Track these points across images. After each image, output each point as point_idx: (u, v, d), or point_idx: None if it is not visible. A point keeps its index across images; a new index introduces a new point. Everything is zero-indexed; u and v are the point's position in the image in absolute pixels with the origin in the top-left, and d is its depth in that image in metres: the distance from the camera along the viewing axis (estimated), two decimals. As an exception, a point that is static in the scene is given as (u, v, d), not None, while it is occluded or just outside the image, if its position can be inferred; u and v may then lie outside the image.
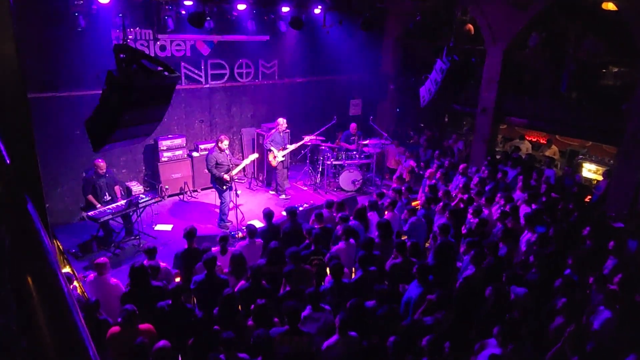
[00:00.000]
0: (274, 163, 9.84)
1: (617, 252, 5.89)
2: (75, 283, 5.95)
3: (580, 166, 11.52)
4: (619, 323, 4.59)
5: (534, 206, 7.23)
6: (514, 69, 10.91)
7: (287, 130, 9.97)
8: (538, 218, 6.78)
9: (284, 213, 6.99)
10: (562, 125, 10.38)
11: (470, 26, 12.01)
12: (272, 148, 9.73)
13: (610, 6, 8.95)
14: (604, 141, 10.65)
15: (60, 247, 7.56)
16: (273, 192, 10.41)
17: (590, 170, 11.42)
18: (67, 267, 7.02)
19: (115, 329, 4.36)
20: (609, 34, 9.82)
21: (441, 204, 7.23)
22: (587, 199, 9.32)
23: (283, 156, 9.80)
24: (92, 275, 5.45)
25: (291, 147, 9.99)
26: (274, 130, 9.92)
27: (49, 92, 8.16)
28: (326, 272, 5.95)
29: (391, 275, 5.58)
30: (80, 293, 5.92)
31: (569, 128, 10.35)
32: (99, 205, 7.61)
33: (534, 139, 12.55)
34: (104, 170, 7.81)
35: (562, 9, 9.97)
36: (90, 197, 7.70)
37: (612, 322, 4.57)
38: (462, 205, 7.51)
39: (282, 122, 9.77)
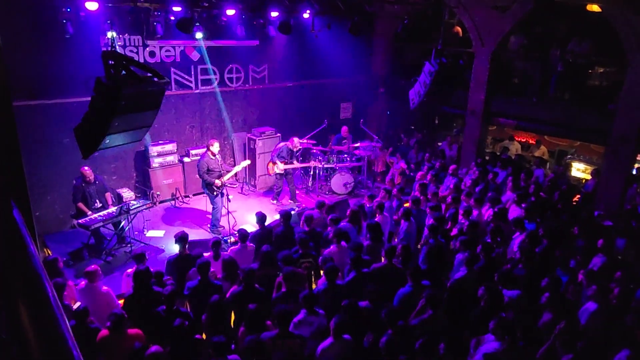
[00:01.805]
0: (271, 172, 9.89)
1: (606, 250, 5.96)
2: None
3: (569, 166, 11.64)
4: (609, 318, 4.65)
5: (524, 206, 7.29)
6: (502, 70, 11.02)
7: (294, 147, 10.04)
8: (526, 217, 6.83)
9: (277, 217, 7.00)
10: (551, 126, 10.50)
11: (458, 29, 12.13)
12: (277, 162, 9.83)
13: (595, 8, 9.09)
14: (592, 141, 10.78)
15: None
16: (289, 201, 10.36)
17: (579, 170, 11.55)
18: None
19: (104, 332, 4.35)
20: (594, 35, 9.96)
21: (431, 204, 7.26)
22: (576, 198, 9.41)
23: (284, 169, 9.85)
24: (83, 282, 5.41)
25: (296, 164, 10.14)
26: (283, 144, 10.02)
27: (37, 100, 8.10)
28: (317, 275, 5.96)
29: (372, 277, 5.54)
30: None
31: (557, 128, 10.47)
32: (89, 213, 7.56)
33: (523, 140, 12.65)
34: (91, 178, 7.75)
35: (548, 11, 10.08)
36: (81, 204, 7.65)
37: (598, 315, 4.62)
38: (449, 207, 7.55)
39: (297, 142, 9.91)
